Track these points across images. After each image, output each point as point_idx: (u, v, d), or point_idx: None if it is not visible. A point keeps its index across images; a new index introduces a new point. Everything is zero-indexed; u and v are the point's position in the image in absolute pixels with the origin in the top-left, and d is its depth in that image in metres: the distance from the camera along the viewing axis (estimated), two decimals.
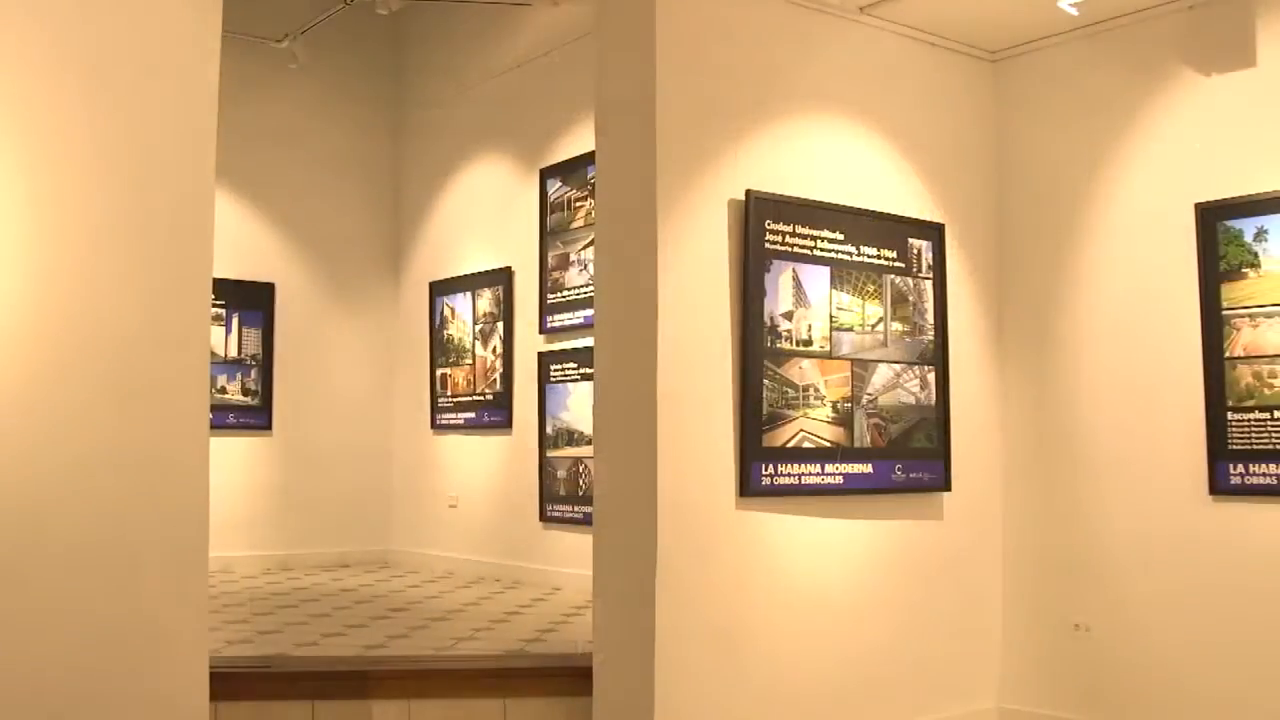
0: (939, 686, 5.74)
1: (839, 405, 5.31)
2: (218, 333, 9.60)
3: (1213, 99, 5.42)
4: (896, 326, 5.56)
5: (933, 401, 5.67)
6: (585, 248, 8.33)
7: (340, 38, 10.10)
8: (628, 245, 5.00)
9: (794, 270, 5.20)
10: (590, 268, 8.05)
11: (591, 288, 7.52)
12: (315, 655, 5.75)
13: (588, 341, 7.72)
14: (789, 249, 5.18)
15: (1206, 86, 5.44)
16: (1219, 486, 5.28)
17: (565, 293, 8.59)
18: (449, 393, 9.88)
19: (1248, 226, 5.22)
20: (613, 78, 5.20)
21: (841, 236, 5.38)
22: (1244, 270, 5.23)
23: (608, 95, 5.23)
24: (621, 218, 5.07)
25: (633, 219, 4.97)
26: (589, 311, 7.56)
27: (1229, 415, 5.25)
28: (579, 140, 8.40)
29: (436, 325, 10.06)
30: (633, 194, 4.98)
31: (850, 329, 5.39)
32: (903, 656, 5.57)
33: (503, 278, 9.28)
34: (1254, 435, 5.17)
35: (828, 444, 5.26)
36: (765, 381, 5.05)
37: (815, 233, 5.28)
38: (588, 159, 8.01)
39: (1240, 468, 5.22)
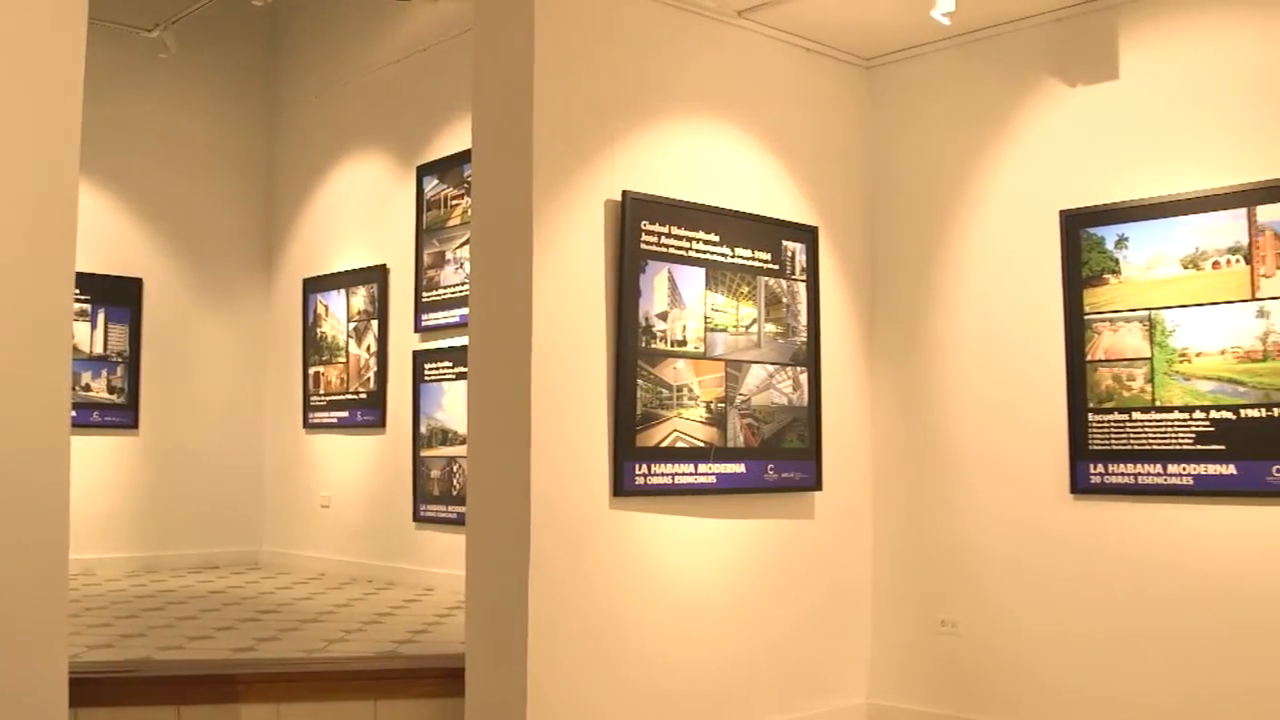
0: (810, 683, 5.82)
1: (712, 405, 5.35)
2: (81, 328, 9.35)
3: (1078, 109, 5.57)
4: (770, 328, 5.62)
5: (805, 402, 5.74)
6: (461, 246, 8.28)
7: (213, 28, 9.91)
8: (503, 244, 4.97)
9: (669, 271, 5.22)
10: (466, 266, 8.00)
11: (467, 286, 7.47)
12: (181, 659, 5.62)
13: (463, 340, 7.66)
14: (665, 250, 5.21)
15: (1073, 96, 5.59)
16: (1080, 486, 5.43)
17: (441, 291, 8.53)
18: (322, 391, 9.75)
19: (1109, 234, 5.38)
20: (490, 76, 5.17)
21: (717, 238, 5.42)
22: (1105, 276, 5.38)
23: (485, 93, 5.19)
24: (497, 217, 5.04)
25: (508, 218, 4.95)
26: (465, 310, 7.49)
27: (1090, 417, 5.40)
28: (457, 138, 8.34)
29: (310, 323, 9.92)
30: (509, 193, 4.96)
31: (724, 330, 5.43)
32: (774, 654, 5.63)
33: (378, 275, 9.18)
34: (1113, 436, 5.33)
35: (701, 444, 5.29)
36: (639, 382, 5.06)
37: (691, 234, 5.32)
38: (465, 157, 7.95)
39: (1100, 467, 5.37)
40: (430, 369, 8.51)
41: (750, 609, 5.55)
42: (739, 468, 5.45)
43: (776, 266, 5.67)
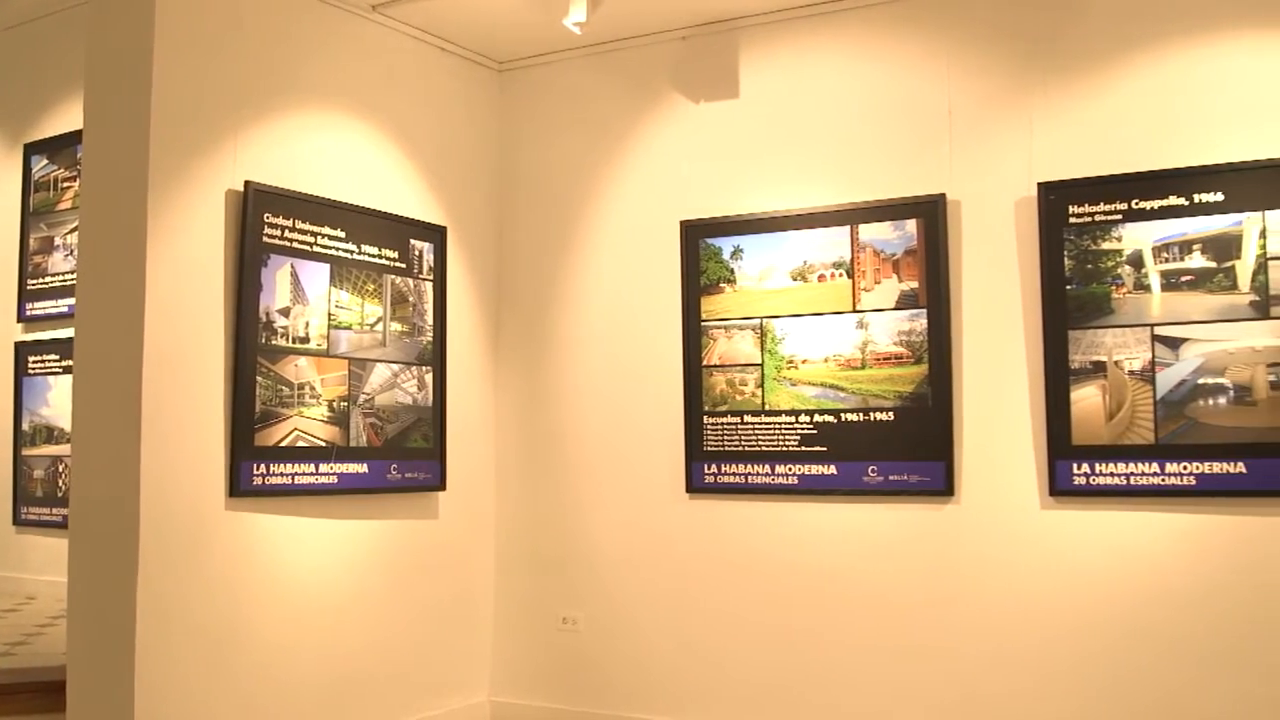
0: (433, 682, 5.81)
1: (335, 404, 5.26)
2: None
3: (701, 124, 5.80)
4: (396, 326, 5.57)
5: (430, 402, 5.73)
6: (72, 232, 7.80)
7: None
8: (115, 232, 4.72)
9: (292, 266, 5.09)
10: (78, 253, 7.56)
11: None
12: None
13: (72, 331, 7.24)
14: (288, 244, 5.08)
15: (696, 112, 5.81)
16: (695, 485, 5.66)
17: (48, 279, 8.01)
18: None
19: (726, 245, 5.63)
20: (106, 53, 4.88)
21: (343, 234, 5.33)
22: (721, 285, 5.63)
23: (100, 71, 4.90)
24: (109, 203, 4.77)
25: (121, 205, 4.70)
26: (74, 300, 7.09)
27: (705, 419, 5.63)
28: (71, 116, 7.84)
29: None
30: (122, 178, 4.71)
31: (349, 328, 5.35)
32: (397, 654, 5.60)
33: None
34: (726, 438, 5.57)
35: (323, 443, 5.19)
36: (259, 379, 4.92)
37: (316, 229, 5.21)
38: (79, 137, 7.50)
39: (714, 468, 5.61)
40: (35, 361, 7.98)
41: (373, 609, 5.49)
42: (361, 468, 5.37)
43: (404, 265, 5.63)
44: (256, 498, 4.95)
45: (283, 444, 5.02)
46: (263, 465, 4.95)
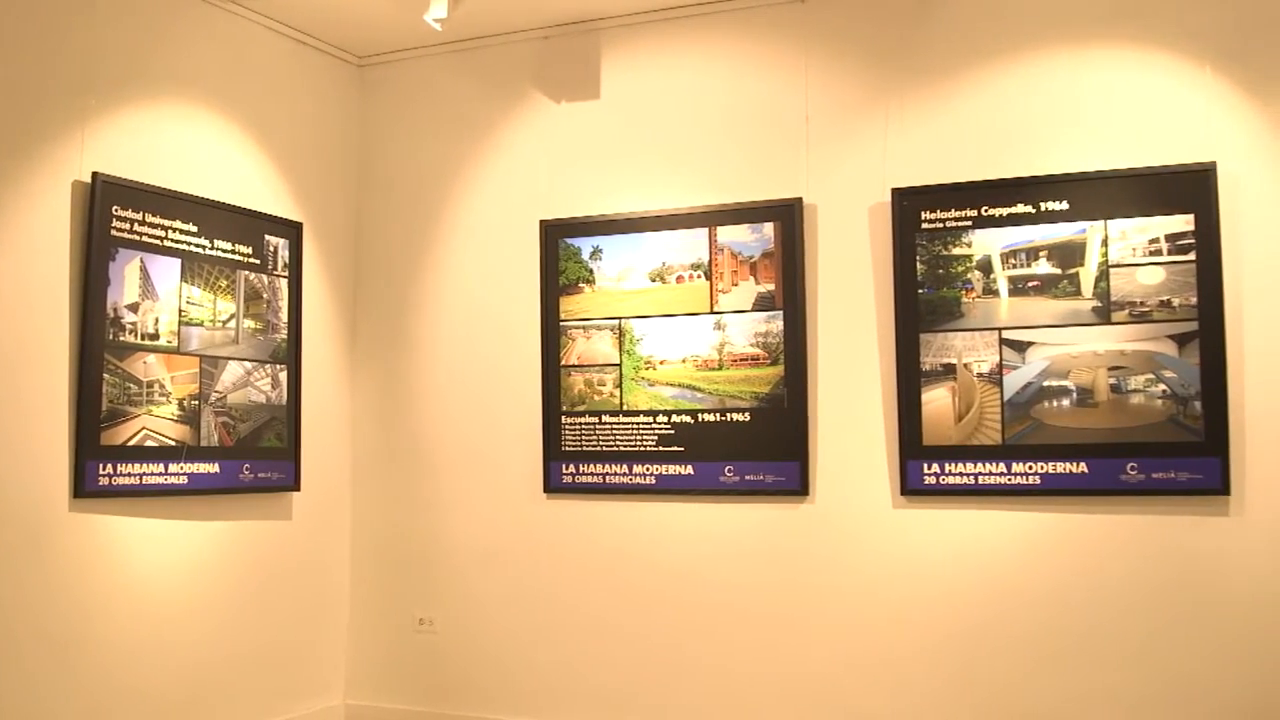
0: (286, 686, 5.71)
1: (185, 403, 5.13)
2: None
3: (562, 124, 5.80)
4: (249, 324, 5.46)
5: (284, 401, 5.63)
6: None
7: None
8: None
9: (142, 260, 4.96)
10: None
11: None
12: None
13: None
14: (138, 238, 4.95)
15: (557, 112, 5.81)
16: (553, 485, 5.66)
17: None
18: None
19: (585, 245, 5.64)
20: None
21: (195, 228, 5.21)
22: (580, 285, 5.64)
23: None
24: None
25: None
26: None
27: (563, 419, 5.63)
28: None
29: None
30: None
31: (200, 324, 5.23)
32: (249, 657, 5.49)
33: None
34: (584, 438, 5.58)
35: (172, 443, 5.07)
36: (105, 376, 4.78)
37: (167, 223, 5.08)
38: None
39: (572, 468, 5.61)
40: None
41: (225, 612, 5.38)
42: (213, 468, 5.26)
43: (258, 261, 5.52)
44: (103, 498, 4.81)
45: (131, 443, 4.89)
46: (109, 465, 4.81)
